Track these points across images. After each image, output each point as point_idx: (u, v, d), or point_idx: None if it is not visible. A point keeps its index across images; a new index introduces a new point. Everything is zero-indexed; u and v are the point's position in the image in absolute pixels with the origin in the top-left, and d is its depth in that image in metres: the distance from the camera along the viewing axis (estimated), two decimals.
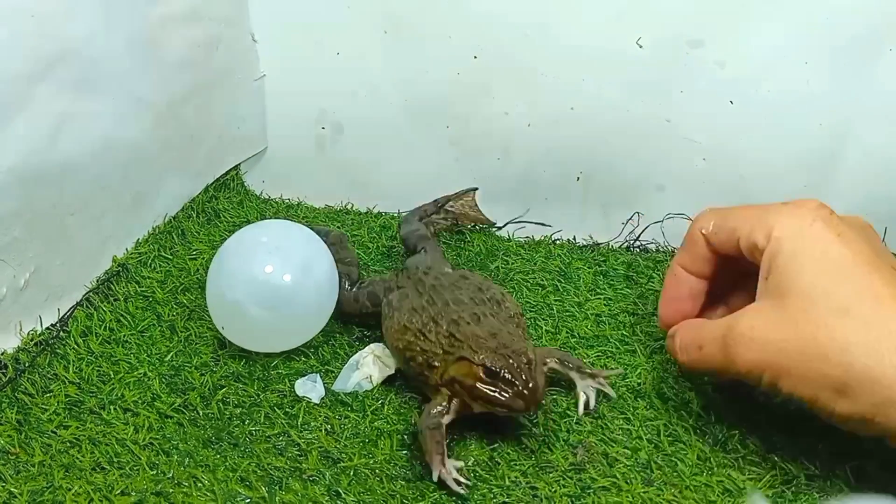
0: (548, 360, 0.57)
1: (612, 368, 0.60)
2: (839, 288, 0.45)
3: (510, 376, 0.50)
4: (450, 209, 0.78)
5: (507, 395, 0.50)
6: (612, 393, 0.57)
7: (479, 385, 0.51)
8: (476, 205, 0.79)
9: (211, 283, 0.60)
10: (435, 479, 0.50)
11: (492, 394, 0.50)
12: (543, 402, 0.53)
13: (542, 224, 0.80)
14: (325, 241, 0.63)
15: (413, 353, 0.56)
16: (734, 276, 0.56)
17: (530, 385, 0.49)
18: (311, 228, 0.64)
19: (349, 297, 0.65)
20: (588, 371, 0.57)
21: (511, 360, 0.50)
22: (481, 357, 0.51)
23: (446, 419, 0.53)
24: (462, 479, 0.50)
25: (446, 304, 0.56)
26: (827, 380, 0.44)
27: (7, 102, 0.56)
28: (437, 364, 0.54)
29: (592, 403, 0.56)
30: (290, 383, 0.59)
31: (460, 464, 0.51)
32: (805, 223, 0.48)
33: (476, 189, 0.80)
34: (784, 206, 0.50)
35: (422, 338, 0.55)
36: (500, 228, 0.81)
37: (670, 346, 0.55)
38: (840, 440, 0.52)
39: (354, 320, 0.65)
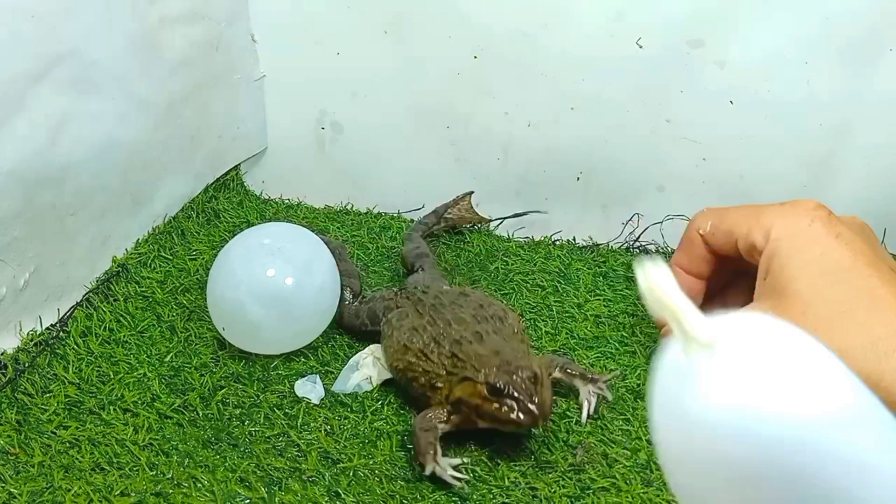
0: (552, 371, 0.56)
1: (611, 370, 0.60)
2: (837, 289, 0.45)
3: (516, 393, 0.49)
4: (448, 216, 0.79)
5: (513, 413, 0.49)
6: (609, 395, 0.57)
7: (484, 404, 0.50)
8: (472, 207, 0.80)
9: (212, 284, 0.60)
10: (427, 473, 0.50)
11: (498, 412, 0.50)
12: (552, 416, 0.53)
13: (539, 212, 0.80)
14: None
15: (415, 373, 0.55)
16: (732, 275, 0.55)
17: (535, 400, 0.49)
18: None
19: (351, 311, 0.64)
20: (590, 376, 0.57)
21: (515, 377, 0.50)
22: (485, 375, 0.50)
23: (443, 427, 0.53)
24: (459, 475, 0.50)
25: (448, 324, 0.56)
26: None
27: (7, 102, 0.56)
28: (440, 385, 0.53)
29: (594, 409, 0.56)
30: (289, 384, 0.59)
31: (457, 461, 0.51)
32: (803, 224, 0.48)
33: (472, 193, 0.80)
34: (782, 206, 0.50)
35: (424, 358, 0.55)
36: (497, 225, 0.81)
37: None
38: None
39: (355, 333, 0.65)
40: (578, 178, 0.80)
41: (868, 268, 0.45)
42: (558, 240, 0.80)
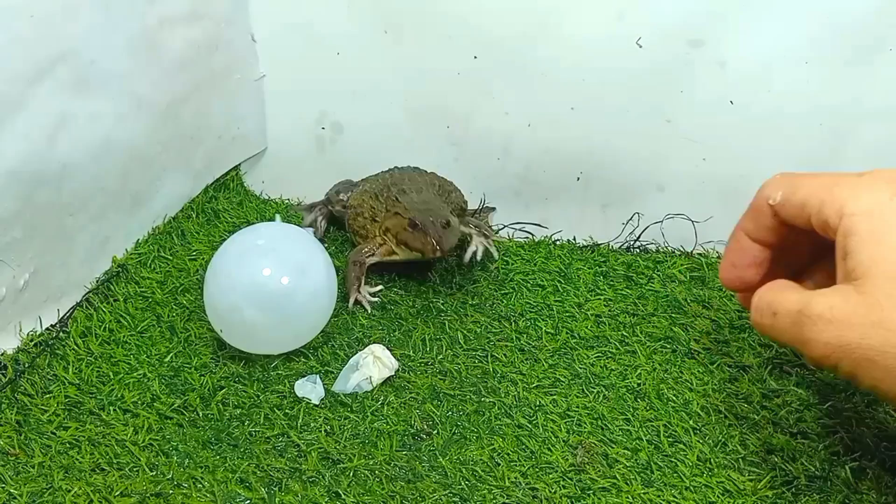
0: (467, 227, 0.72)
1: (610, 369, 0.60)
2: None
3: (428, 230, 0.66)
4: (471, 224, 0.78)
5: (421, 242, 0.66)
6: (495, 254, 0.72)
7: (403, 232, 0.68)
8: (490, 225, 0.81)
9: (208, 285, 0.60)
10: (351, 304, 0.68)
11: (412, 239, 0.67)
12: (448, 253, 0.67)
13: (539, 225, 0.81)
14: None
15: (363, 209, 0.73)
16: (817, 247, 0.50)
17: (440, 238, 0.65)
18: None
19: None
20: (485, 232, 0.72)
21: (431, 219, 0.66)
22: (410, 213, 0.68)
23: (371, 259, 0.70)
24: (374, 299, 0.68)
25: (402, 180, 0.74)
26: None
27: (7, 102, 0.56)
28: (378, 219, 0.72)
29: (479, 256, 0.70)
30: (289, 384, 0.59)
31: (377, 288, 0.70)
32: (883, 198, 0.43)
33: (494, 209, 0.83)
34: (858, 178, 0.45)
35: (374, 198, 0.73)
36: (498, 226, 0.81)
37: (746, 302, 0.49)
38: (840, 440, 0.52)
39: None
40: (578, 178, 0.79)
41: None
42: (558, 239, 0.80)
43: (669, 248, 0.76)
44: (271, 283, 0.58)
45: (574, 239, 0.80)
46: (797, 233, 0.49)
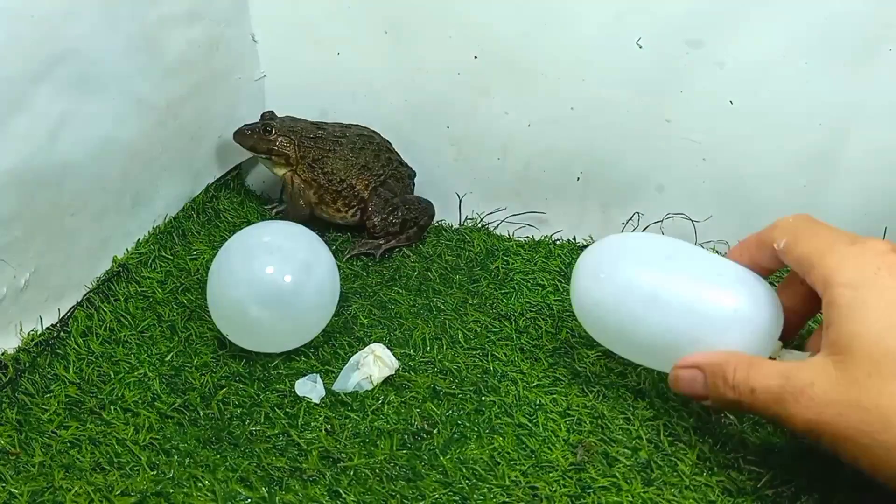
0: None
1: (610, 368, 0.60)
2: None
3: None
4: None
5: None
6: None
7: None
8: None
9: (212, 282, 0.60)
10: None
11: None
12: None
13: (537, 212, 0.81)
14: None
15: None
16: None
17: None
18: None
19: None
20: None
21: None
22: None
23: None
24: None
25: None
26: (891, 454, 0.40)
27: (7, 102, 0.56)
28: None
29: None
30: (290, 383, 0.59)
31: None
32: (868, 272, 0.43)
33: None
34: (849, 247, 0.45)
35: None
36: (498, 224, 0.81)
37: (717, 378, 0.49)
38: None
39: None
40: (578, 178, 0.80)
41: None
42: (558, 239, 0.80)
43: None
44: (275, 280, 0.58)
45: (574, 239, 0.80)
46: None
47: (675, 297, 0.51)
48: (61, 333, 0.63)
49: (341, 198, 0.78)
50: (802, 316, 0.54)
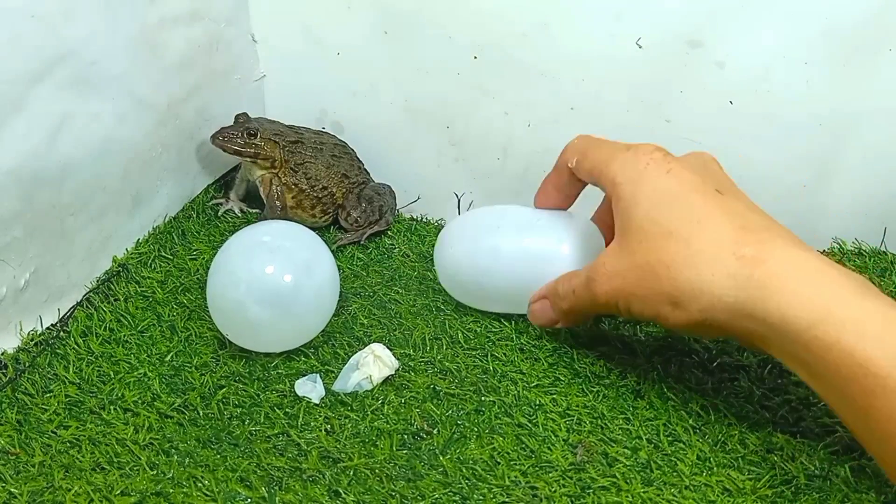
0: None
1: (609, 368, 0.60)
2: (665, 215, 0.51)
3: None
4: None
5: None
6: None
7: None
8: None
9: (212, 282, 0.60)
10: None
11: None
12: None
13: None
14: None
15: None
16: None
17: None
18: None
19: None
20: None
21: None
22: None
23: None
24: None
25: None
26: (661, 296, 0.50)
27: (7, 102, 0.56)
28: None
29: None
30: (290, 383, 0.59)
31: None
32: (640, 166, 0.53)
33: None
34: (625, 153, 0.55)
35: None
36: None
37: (554, 296, 0.60)
38: (839, 440, 0.52)
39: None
40: None
41: (694, 194, 0.51)
42: None
43: None
44: (275, 280, 0.58)
45: None
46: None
47: (510, 248, 0.62)
48: (61, 333, 0.63)
49: (320, 203, 0.79)
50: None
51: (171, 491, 0.50)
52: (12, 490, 0.50)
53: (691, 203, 0.51)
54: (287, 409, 0.57)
